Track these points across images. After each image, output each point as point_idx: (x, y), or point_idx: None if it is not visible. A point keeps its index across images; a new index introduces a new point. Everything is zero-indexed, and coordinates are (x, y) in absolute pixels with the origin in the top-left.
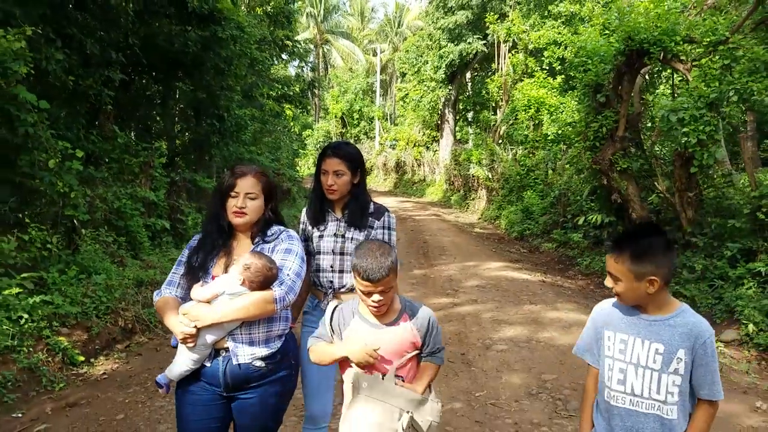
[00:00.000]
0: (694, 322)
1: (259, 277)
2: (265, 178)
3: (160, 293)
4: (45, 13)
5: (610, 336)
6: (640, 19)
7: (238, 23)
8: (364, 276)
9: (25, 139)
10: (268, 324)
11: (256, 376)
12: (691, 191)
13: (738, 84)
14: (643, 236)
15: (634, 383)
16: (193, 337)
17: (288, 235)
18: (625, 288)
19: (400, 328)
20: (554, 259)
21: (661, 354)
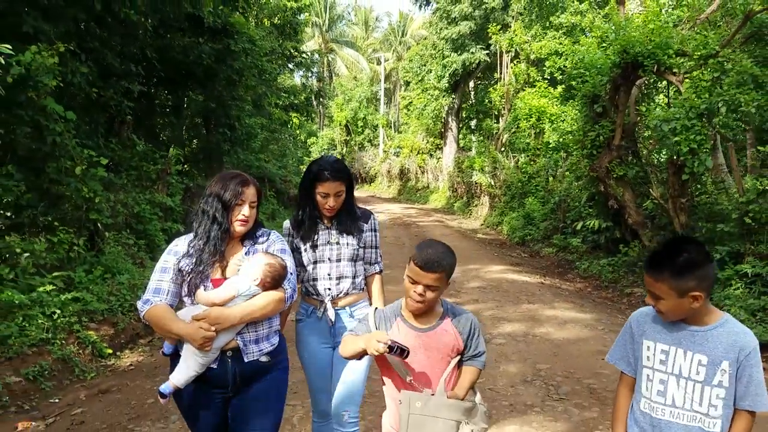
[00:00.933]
0: (738, 333)
1: (276, 277)
2: (257, 187)
3: (149, 302)
4: (69, 29)
5: (650, 346)
6: (635, 33)
7: (250, 37)
8: (418, 261)
9: (52, 148)
10: (269, 321)
11: (262, 371)
12: (683, 197)
13: (726, 96)
14: (680, 251)
15: (675, 395)
16: (211, 341)
17: (277, 236)
18: (668, 306)
19: (443, 331)
20: (554, 263)
21: (705, 365)
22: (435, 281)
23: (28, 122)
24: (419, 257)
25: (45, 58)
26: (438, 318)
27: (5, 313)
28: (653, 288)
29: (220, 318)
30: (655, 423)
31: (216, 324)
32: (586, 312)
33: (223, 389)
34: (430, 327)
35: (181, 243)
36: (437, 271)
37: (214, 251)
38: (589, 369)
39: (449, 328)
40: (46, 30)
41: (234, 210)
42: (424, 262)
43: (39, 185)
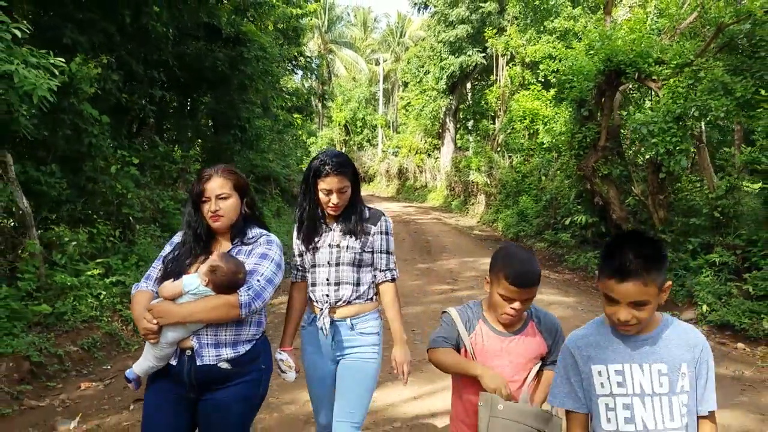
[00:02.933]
0: (686, 329)
1: (223, 281)
2: (234, 175)
3: (138, 286)
4: (101, 40)
5: (601, 370)
6: (618, 42)
7: (261, 45)
8: (514, 281)
9: (89, 149)
10: (237, 327)
11: (220, 377)
12: (661, 194)
13: (699, 101)
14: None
15: (645, 417)
16: (155, 334)
17: (268, 239)
18: (651, 310)
19: (527, 336)
20: (545, 257)
21: (666, 374)
22: (531, 294)
23: (68, 125)
24: (514, 276)
25: (90, 69)
26: (522, 322)
27: (59, 293)
28: (641, 296)
29: (162, 312)
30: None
31: (158, 317)
32: (570, 296)
33: (182, 387)
34: (514, 332)
35: (180, 233)
36: (536, 285)
37: (190, 253)
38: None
39: (533, 332)
40: (82, 42)
41: (203, 207)
42: (523, 281)
43: (76, 182)
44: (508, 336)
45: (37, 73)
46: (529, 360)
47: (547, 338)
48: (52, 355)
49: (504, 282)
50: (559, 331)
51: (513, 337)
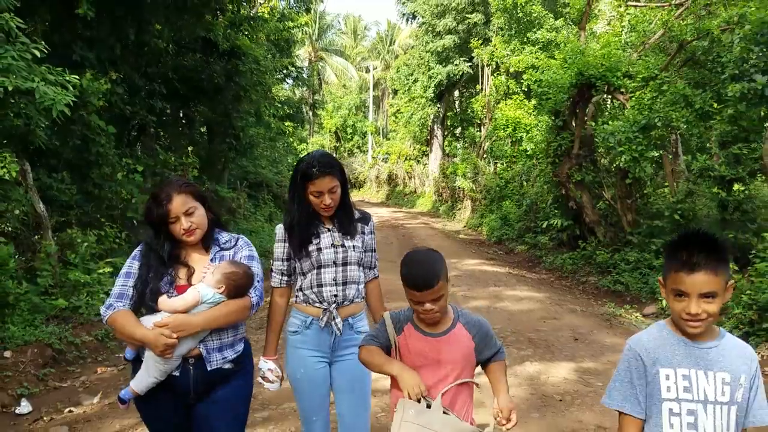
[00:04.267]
0: (741, 345)
1: (240, 285)
2: (190, 186)
3: (111, 307)
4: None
5: (669, 374)
6: (589, 58)
7: (255, 58)
8: (413, 285)
9: (96, 157)
10: (235, 328)
11: (223, 378)
12: (629, 199)
13: (662, 112)
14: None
15: (706, 425)
16: (172, 349)
17: (245, 242)
18: (718, 305)
19: (455, 337)
20: (525, 259)
21: (729, 383)
22: (436, 293)
23: (78, 136)
24: (412, 281)
25: (100, 85)
26: (449, 323)
27: (73, 289)
28: (711, 286)
29: (183, 325)
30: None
31: (178, 331)
32: (541, 293)
33: (185, 397)
34: (441, 332)
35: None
36: (435, 285)
37: (161, 275)
38: (531, 327)
39: (461, 332)
40: (90, 58)
41: (173, 228)
42: (418, 285)
43: (84, 188)
44: (435, 336)
45: (55, 90)
46: (458, 359)
47: (475, 337)
48: (70, 344)
49: (406, 287)
50: (484, 328)
51: (440, 337)
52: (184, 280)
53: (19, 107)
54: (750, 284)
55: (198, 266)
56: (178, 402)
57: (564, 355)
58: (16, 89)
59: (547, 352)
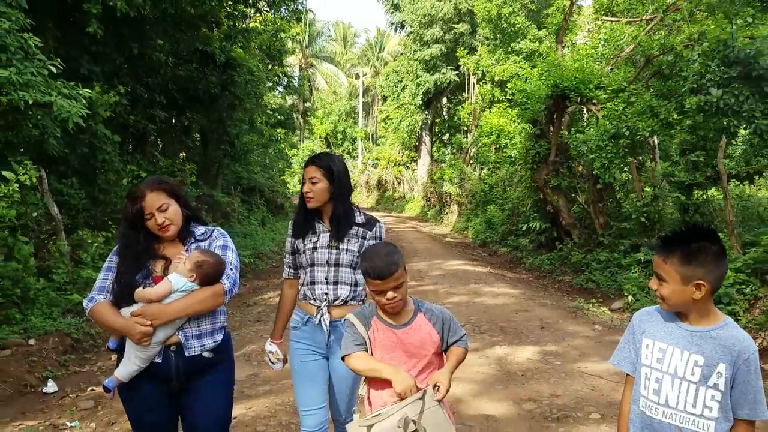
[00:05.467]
0: (737, 336)
1: (211, 272)
2: (164, 184)
3: (93, 299)
4: (112, 69)
5: (649, 344)
6: (564, 71)
7: (250, 69)
8: (374, 275)
9: (102, 164)
10: (213, 316)
11: (203, 366)
12: (600, 202)
13: (630, 122)
14: (695, 239)
15: (669, 394)
16: (149, 336)
17: (220, 233)
18: (670, 291)
19: (418, 326)
20: (507, 260)
21: (701, 366)
22: (397, 280)
23: (86, 144)
24: (372, 272)
25: (109, 97)
26: (411, 314)
27: (85, 286)
28: (660, 269)
29: (157, 313)
30: (648, 422)
31: (153, 319)
32: (517, 289)
33: (168, 383)
34: (405, 323)
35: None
36: (394, 273)
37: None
38: (504, 318)
39: (423, 322)
40: (97, 71)
41: (148, 225)
42: (380, 274)
43: (91, 193)
44: (399, 328)
45: (71, 103)
46: (423, 348)
47: (437, 326)
48: (86, 334)
49: (369, 279)
50: (446, 318)
51: (404, 328)
52: (160, 271)
53: (36, 119)
54: None
55: (174, 257)
56: (163, 390)
57: (530, 340)
58: (35, 102)
59: (516, 337)
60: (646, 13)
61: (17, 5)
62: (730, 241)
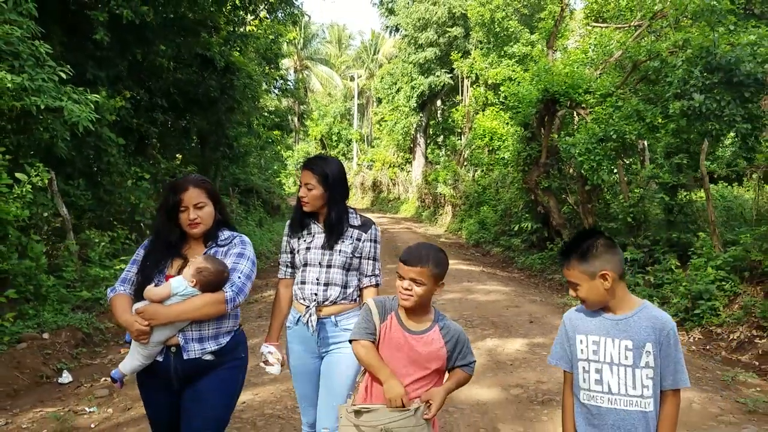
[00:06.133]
0: (656, 316)
1: (210, 280)
2: (207, 185)
3: (114, 290)
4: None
5: (582, 339)
6: (555, 76)
7: (248, 73)
8: (402, 256)
9: (107, 166)
10: (218, 322)
11: (204, 368)
12: (589, 203)
13: (617, 126)
14: (584, 240)
15: (611, 381)
16: (146, 335)
17: (241, 240)
18: (585, 290)
19: (430, 339)
20: (500, 260)
21: (631, 350)
22: (419, 275)
23: (91, 147)
24: (403, 253)
25: (116, 102)
26: (429, 325)
27: (93, 283)
28: (569, 277)
29: (154, 314)
30: (595, 411)
31: (150, 319)
32: (508, 287)
33: (169, 382)
34: (418, 331)
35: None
36: (419, 265)
37: (161, 260)
38: (495, 313)
39: (436, 336)
40: (102, 76)
41: (181, 217)
42: (406, 257)
43: (96, 194)
44: (412, 333)
45: (80, 107)
46: (427, 361)
47: (449, 344)
48: (96, 329)
49: (399, 260)
50: (461, 339)
51: (417, 335)
52: (174, 271)
53: (47, 123)
54: (687, 277)
55: (192, 260)
56: (164, 388)
57: (519, 333)
58: (46, 107)
59: (506, 331)
60: (634, 19)
61: (28, 14)
62: (712, 240)
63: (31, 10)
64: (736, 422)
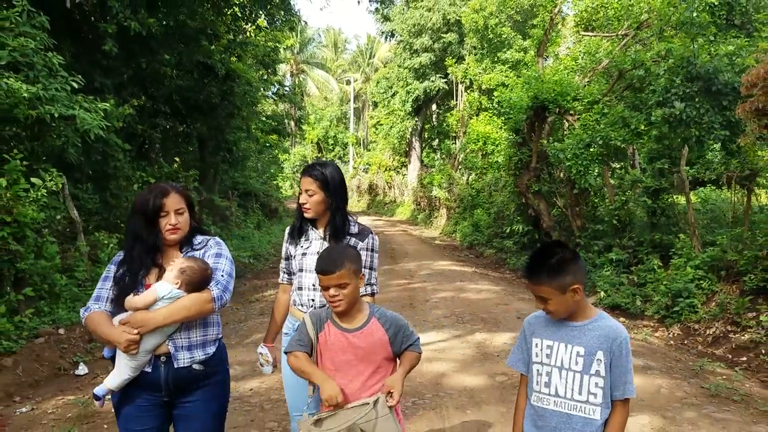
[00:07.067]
0: (610, 326)
1: (195, 279)
2: (185, 192)
3: (88, 309)
4: (121, 81)
5: (538, 343)
6: (544, 84)
7: (248, 80)
8: (316, 268)
9: (114, 171)
10: (204, 328)
11: (194, 379)
12: (577, 206)
13: (603, 132)
14: (550, 254)
15: (558, 385)
16: (136, 344)
17: (216, 241)
18: (556, 305)
19: (370, 331)
20: (493, 261)
21: (582, 356)
22: (340, 279)
23: (99, 152)
24: (317, 265)
25: (124, 109)
26: (365, 319)
27: None
28: (538, 292)
29: (142, 321)
30: (541, 413)
31: (139, 327)
32: (498, 286)
33: (157, 393)
34: (357, 327)
35: (122, 254)
36: (336, 270)
37: (141, 265)
38: (485, 310)
39: (376, 327)
40: (108, 84)
41: (160, 221)
42: (322, 268)
43: (102, 197)
44: (351, 332)
45: (91, 116)
46: (372, 352)
47: (389, 331)
48: None
49: (317, 273)
50: (398, 321)
51: (356, 332)
52: (153, 279)
53: (60, 130)
54: (668, 276)
55: (168, 266)
56: (152, 400)
57: (507, 328)
58: (60, 115)
59: (494, 326)
60: (622, 28)
61: (40, 26)
62: (692, 242)
63: (43, 22)
64: (698, 404)
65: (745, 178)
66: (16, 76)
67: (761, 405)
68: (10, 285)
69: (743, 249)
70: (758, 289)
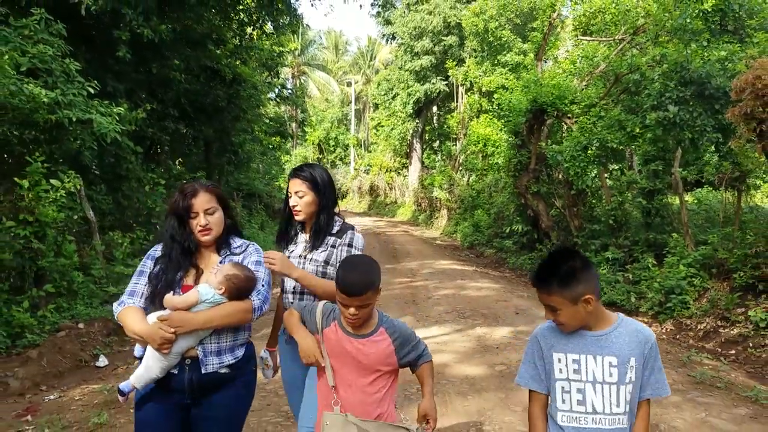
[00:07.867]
0: (638, 329)
1: (240, 287)
2: (216, 190)
3: (122, 303)
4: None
5: (561, 358)
6: (543, 87)
7: (254, 84)
8: (343, 290)
9: (126, 173)
10: (235, 333)
11: (219, 382)
12: (575, 207)
13: (600, 135)
14: (561, 262)
15: (594, 401)
16: (170, 344)
17: (255, 248)
18: (567, 316)
19: (376, 340)
20: (493, 261)
21: (616, 366)
22: (363, 302)
23: (112, 155)
24: (342, 284)
25: (138, 113)
26: (373, 327)
27: (118, 280)
28: (548, 302)
29: (182, 321)
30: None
31: (177, 326)
32: (498, 284)
33: (181, 396)
34: (364, 335)
35: (158, 247)
36: (363, 293)
37: (178, 267)
38: (486, 307)
39: (382, 336)
40: (120, 88)
41: (190, 223)
42: (349, 290)
43: (115, 198)
44: (357, 338)
45: (108, 120)
46: (377, 361)
47: (395, 340)
48: None
49: (338, 289)
50: (406, 332)
51: (362, 339)
52: (191, 280)
53: (76, 134)
54: (661, 274)
55: (207, 268)
56: (175, 403)
57: (506, 323)
58: (77, 120)
59: (494, 321)
60: (618, 33)
61: (58, 33)
62: (685, 240)
63: (60, 30)
64: (683, 390)
65: (735, 179)
66: (35, 82)
67: (742, 391)
68: (32, 282)
69: (733, 248)
70: (747, 285)
